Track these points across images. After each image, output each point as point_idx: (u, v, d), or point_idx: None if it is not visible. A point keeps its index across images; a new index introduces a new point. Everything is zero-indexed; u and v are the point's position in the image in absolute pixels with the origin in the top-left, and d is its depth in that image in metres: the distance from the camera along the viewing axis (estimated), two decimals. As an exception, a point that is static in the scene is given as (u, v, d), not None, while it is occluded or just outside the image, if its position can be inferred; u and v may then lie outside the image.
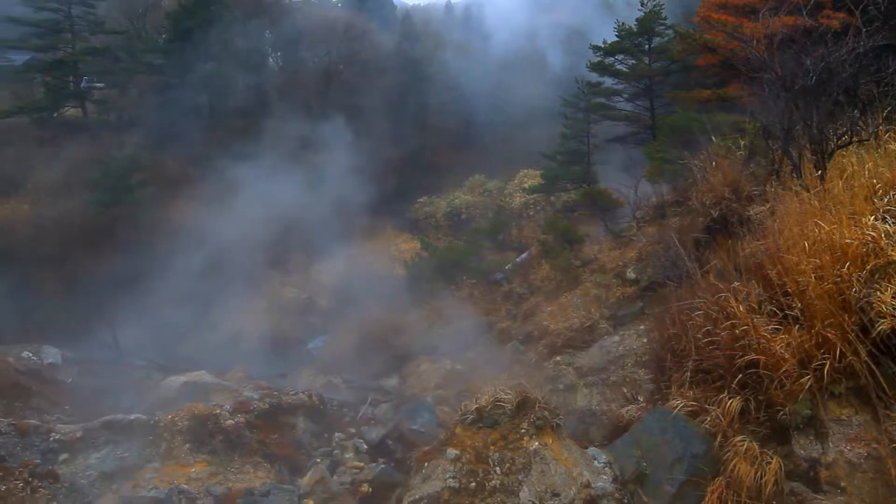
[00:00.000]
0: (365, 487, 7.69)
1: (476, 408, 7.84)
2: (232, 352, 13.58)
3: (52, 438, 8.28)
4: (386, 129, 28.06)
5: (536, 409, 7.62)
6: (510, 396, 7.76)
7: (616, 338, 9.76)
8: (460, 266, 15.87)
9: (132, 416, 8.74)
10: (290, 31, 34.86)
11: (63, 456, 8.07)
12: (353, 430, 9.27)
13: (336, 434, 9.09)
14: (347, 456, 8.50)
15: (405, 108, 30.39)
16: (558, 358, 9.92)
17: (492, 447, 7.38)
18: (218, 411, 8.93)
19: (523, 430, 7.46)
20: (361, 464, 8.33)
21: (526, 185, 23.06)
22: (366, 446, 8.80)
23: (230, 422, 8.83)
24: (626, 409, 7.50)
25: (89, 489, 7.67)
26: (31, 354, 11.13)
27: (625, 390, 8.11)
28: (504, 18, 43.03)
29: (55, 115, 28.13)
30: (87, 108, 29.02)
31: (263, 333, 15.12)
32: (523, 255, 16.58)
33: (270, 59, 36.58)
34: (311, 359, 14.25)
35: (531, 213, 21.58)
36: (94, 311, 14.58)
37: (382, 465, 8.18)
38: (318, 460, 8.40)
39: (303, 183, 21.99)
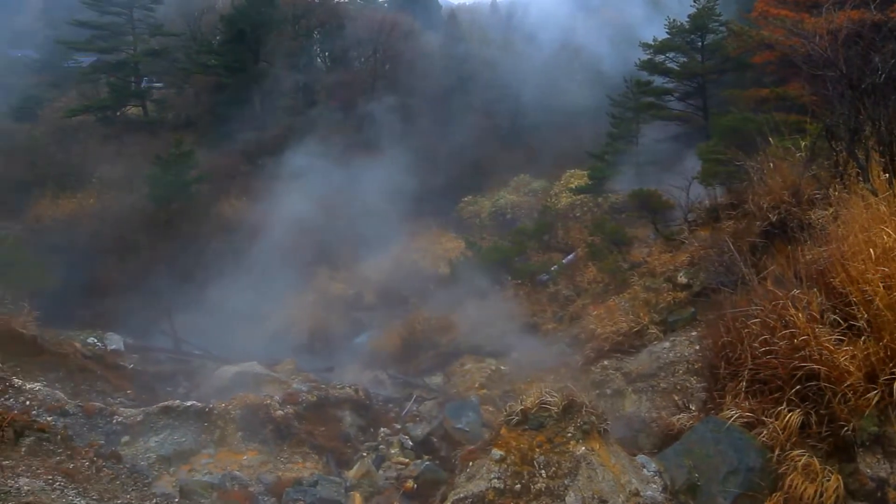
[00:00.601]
0: (410, 483, 7.79)
1: (521, 409, 7.81)
2: (281, 344, 13.99)
3: (114, 421, 8.70)
4: (431, 128, 28.25)
5: (583, 413, 7.52)
6: (556, 399, 7.69)
7: (666, 344, 9.55)
8: (505, 266, 15.84)
9: (188, 403, 9.09)
10: (338, 31, 35.52)
11: (125, 438, 8.47)
12: (398, 426, 9.42)
13: (382, 429, 9.24)
14: (393, 451, 8.63)
15: (450, 107, 30.50)
16: (606, 362, 9.79)
17: (537, 450, 7.34)
18: (268, 402, 9.21)
19: (569, 434, 7.39)
20: (406, 460, 8.44)
21: (572, 186, 22.79)
22: (411, 443, 8.91)
23: (280, 412, 9.09)
24: (677, 417, 7.32)
25: (149, 471, 8.02)
26: (95, 340, 11.75)
27: (676, 398, 7.92)
28: (550, 17, 42.60)
29: (118, 113, 29.58)
30: (146, 107, 30.38)
31: (311, 327, 15.50)
32: (570, 257, 16.42)
33: (318, 59, 37.36)
34: (358, 354, 14.52)
35: (578, 213, 21.30)
36: (152, 301, 15.27)
37: (427, 462, 8.27)
38: (365, 454, 8.56)
39: (350, 181, 22.40)
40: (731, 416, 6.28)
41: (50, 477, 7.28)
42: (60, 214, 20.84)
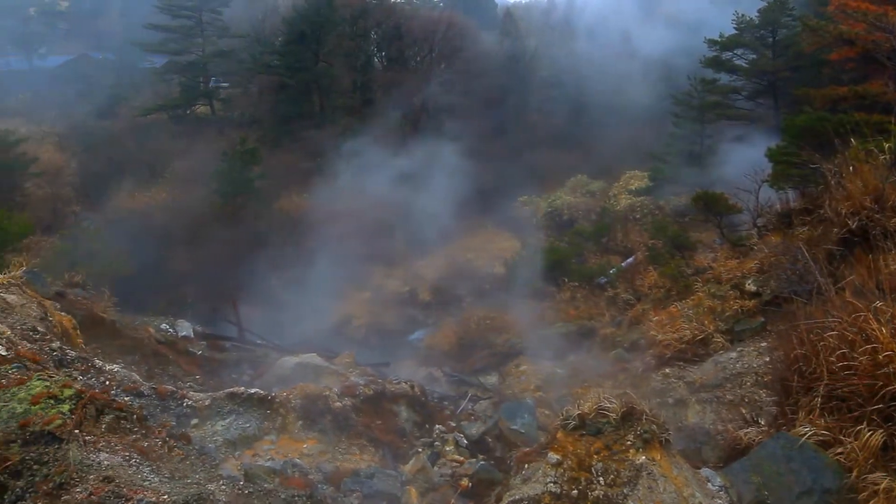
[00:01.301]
0: (465, 482, 7.81)
1: (578, 414, 7.68)
2: (339, 337, 14.32)
3: (184, 404, 9.11)
4: (487, 127, 28.21)
5: (643, 421, 7.33)
6: (615, 405, 7.52)
7: (733, 354, 9.18)
8: (562, 267, 15.62)
9: (252, 391, 9.42)
10: (394, 31, 35.94)
11: (194, 421, 8.85)
12: (452, 424, 9.46)
13: (437, 426, 9.31)
14: (448, 449, 8.68)
15: (506, 106, 30.37)
16: (667, 370, 9.51)
17: (595, 456, 7.21)
18: (327, 393, 9.42)
19: (629, 443, 7.22)
20: (461, 458, 8.47)
21: (632, 187, 22.27)
22: (466, 441, 8.93)
23: (338, 404, 9.29)
24: (745, 431, 7.03)
25: (216, 453, 8.36)
26: (167, 327, 12.37)
27: (743, 411, 7.61)
28: (609, 14, 41.59)
29: (188, 112, 31.12)
30: (214, 106, 31.79)
31: (368, 322, 15.78)
32: (629, 260, 16.01)
33: (375, 59, 37.90)
34: (413, 350, 14.69)
35: (637, 216, 20.77)
36: (218, 291, 15.95)
37: (482, 462, 8.27)
38: (420, 450, 8.64)
39: (406, 179, 22.66)
40: (805, 434, 5.98)
41: (127, 453, 7.71)
42: (136, 206, 22.11)
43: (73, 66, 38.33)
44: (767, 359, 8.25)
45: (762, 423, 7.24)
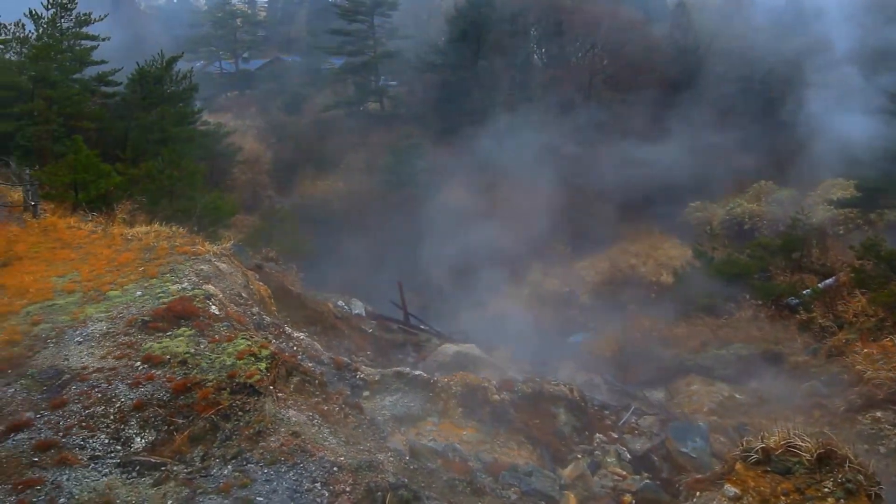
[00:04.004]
0: (628, 498, 7.43)
1: (762, 447, 6.93)
2: (496, 331, 14.43)
3: (357, 376, 9.84)
4: (654, 126, 26.40)
5: (846, 468, 6.42)
6: (809, 445, 6.67)
7: (975, 405, 7.57)
8: (742, 283, 14.08)
9: (416, 372, 9.89)
10: (554, 27, 35.14)
11: (365, 393, 9.52)
12: (614, 435, 9.04)
13: (597, 435, 8.97)
14: (609, 460, 8.32)
15: (677, 104, 28.08)
16: (878, 413, 8.14)
17: (782, 498, 6.46)
18: (486, 385, 9.55)
19: (827, 490, 6.37)
20: (624, 472, 8.06)
21: (833, 198, 19.33)
22: (629, 455, 8.49)
23: (496, 397, 9.37)
24: None
25: (383, 426, 8.92)
26: (343, 304, 13.49)
27: None
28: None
29: (361, 108, 33.71)
30: (384, 103, 34.06)
31: (525, 319, 15.72)
32: (828, 281, 13.92)
33: (535, 56, 37.39)
34: (571, 352, 14.33)
35: (840, 231, 18.00)
36: (385, 274, 16.99)
37: (647, 481, 7.80)
38: (579, 456, 8.39)
39: (568, 177, 22.16)
40: None
41: (310, 413, 8.53)
42: (317, 193, 24.52)
43: (268, 68, 43.65)
44: None
45: None
